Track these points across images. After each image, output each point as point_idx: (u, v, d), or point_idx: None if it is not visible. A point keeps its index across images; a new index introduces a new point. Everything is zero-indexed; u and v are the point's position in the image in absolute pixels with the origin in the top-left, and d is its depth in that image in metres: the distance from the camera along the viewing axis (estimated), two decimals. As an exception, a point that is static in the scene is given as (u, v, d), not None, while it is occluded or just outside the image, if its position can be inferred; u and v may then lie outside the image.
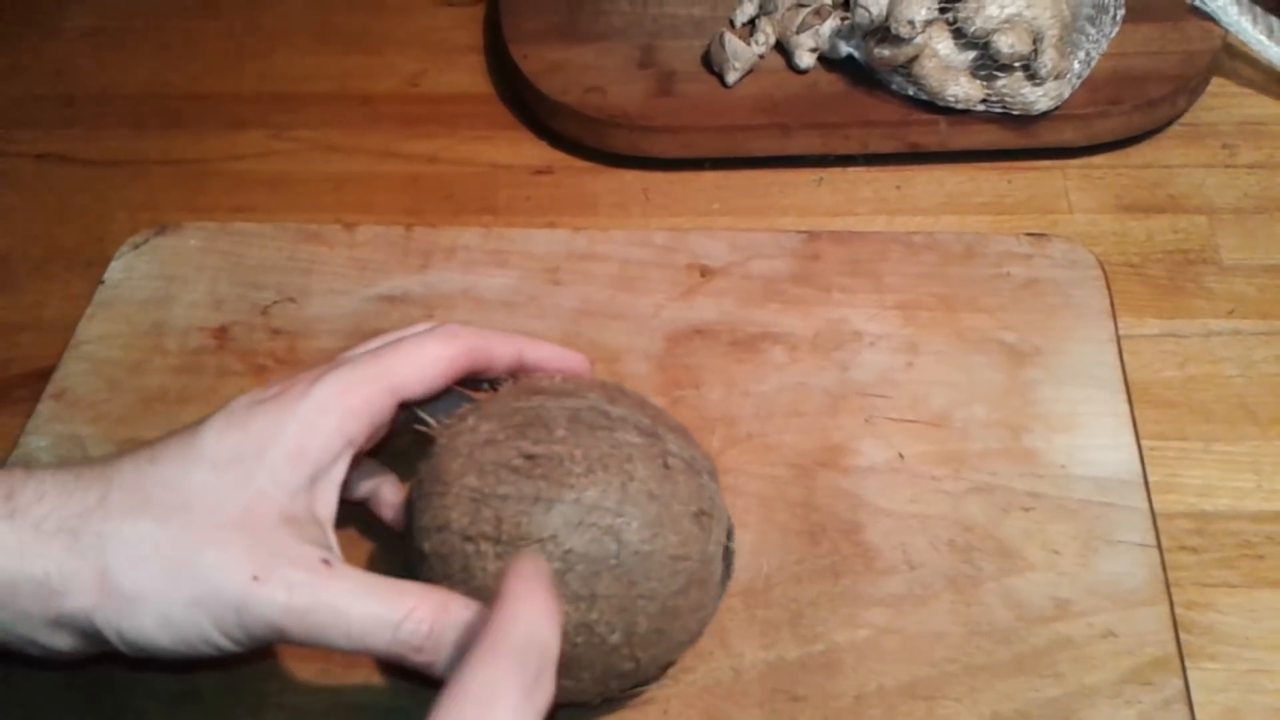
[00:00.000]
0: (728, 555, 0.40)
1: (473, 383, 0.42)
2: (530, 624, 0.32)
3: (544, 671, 0.31)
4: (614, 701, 0.39)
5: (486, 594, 0.35)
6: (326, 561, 0.34)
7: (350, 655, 0.35)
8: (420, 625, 0.33)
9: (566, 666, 0.36)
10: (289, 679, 0.42)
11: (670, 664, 0.40)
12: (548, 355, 0.43)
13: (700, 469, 0.39)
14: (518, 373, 0.42)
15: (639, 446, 0.38)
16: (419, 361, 0.39)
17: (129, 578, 0.34)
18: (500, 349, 0.41)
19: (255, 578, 0.34)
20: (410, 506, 0.39)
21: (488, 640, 0.31)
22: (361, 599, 0.34)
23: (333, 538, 0.37)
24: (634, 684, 0.38)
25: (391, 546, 0.45)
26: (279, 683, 0.42)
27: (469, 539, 0.36)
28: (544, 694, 0.31)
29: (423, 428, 0.40)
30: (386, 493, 0.43)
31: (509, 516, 0.36)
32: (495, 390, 0.41)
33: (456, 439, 0.38)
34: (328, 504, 0.37)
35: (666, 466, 0.38)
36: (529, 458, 0.36)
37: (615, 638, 0.36)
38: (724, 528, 0.40)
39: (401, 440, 0.42)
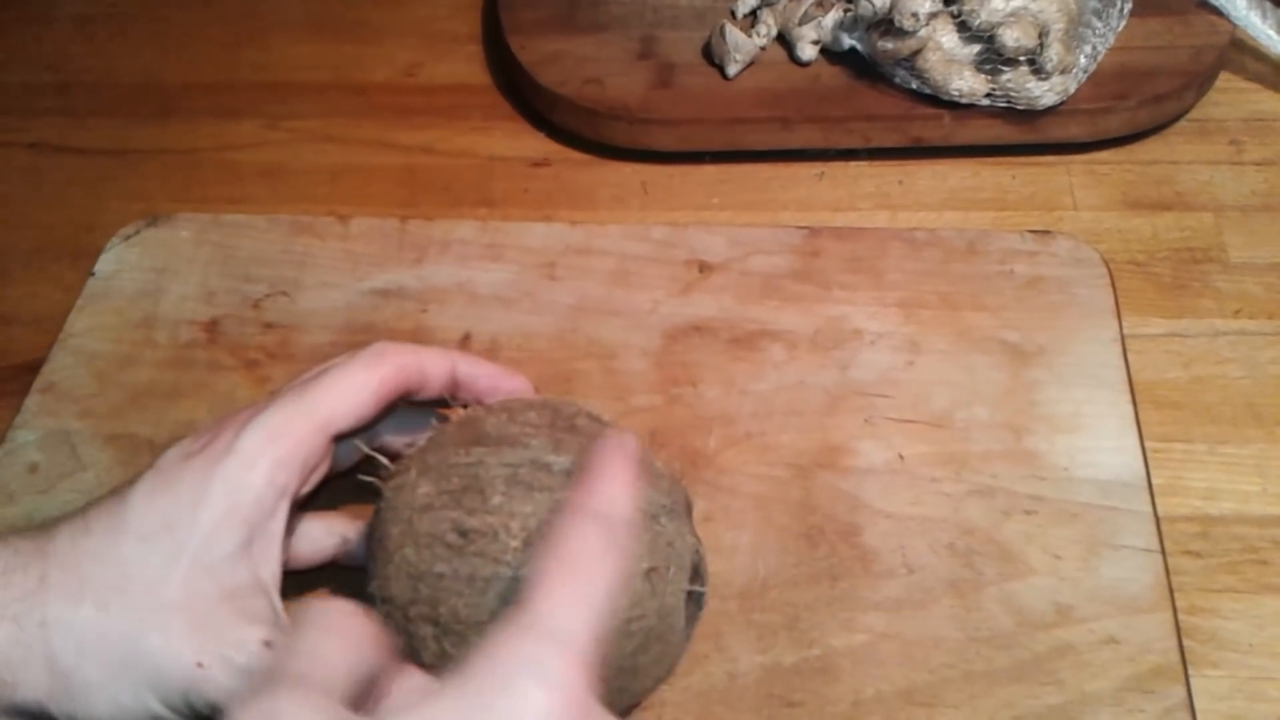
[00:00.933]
0: (695, 596, 0.38)
1: (441, 402, 0.41)
2: (612, 496, 0.31)
3: (624, 539, 0.31)
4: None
5: (436, 674, 0.34)
6: (268, 643, 0.34)
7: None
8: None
9: None
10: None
11: (637, 705, 0.39)
12: (485, 373, 0.41)
13: (655, 513, 0.36)
14: (462, 398, 0.41)
15: None
16: (345, 390, 0.37)
17: (77, 668, 0.34)
18: (433, 367, 0.39)
19: (199, 664, 0.34)
20: (365, 555, 0.38)
21: (574, 505, 0.31)
22: None
23: (277, 602, 0.36)
24: None
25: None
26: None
27: (409, 619, 0.35)
28: (623, 559, 0.31)
29: (366, 478, 0.38)
30: (344, 546, 0.41)
31: (445, 600, 0.34)
32: (461, 410, 0.40)
33: (398, 496, 0.37)
34: (269, 564, 0.36)
35: None
36: (462, 533, 0.35)
37: None
38: (685, 572, 0.37)
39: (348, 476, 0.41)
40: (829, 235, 0.53)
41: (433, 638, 0.35)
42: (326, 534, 0.41)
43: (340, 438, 0.38)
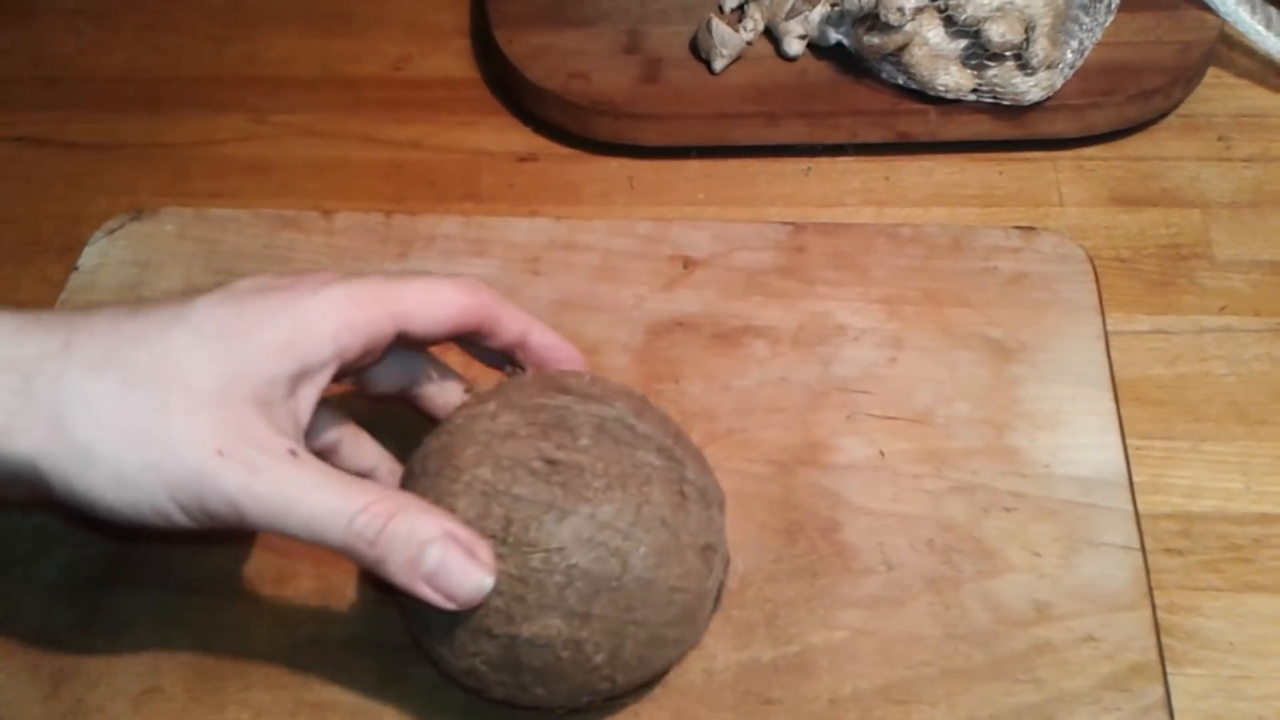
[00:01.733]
0: (719, 590, 0.39)
1: (491, 360, 0.42)
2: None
3: None
4: (579, 712, 0.38)
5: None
6: (293, 451, 0.34)
7: (309, 548, 0.34)
8: (375, 520, 0.33)
9: (545, 677, 0.35)
10: (253, 677, 0.41)
11: (642, 686, 0.39)
12: (550, 343, 0.41)
13: (712, 500, 0.38)
14: (520, 360, 0.41)
15: (659, 469, 0.36)
16: (431, 299, 0.38)
17: (85, 430, 0.32)
18: (509, 321, 0.40)
19: (220, 452, 0.33)
20: (410, 482, 0.37)
21: None
22: (321, 489, 0.33)
23: (301, 439, 0.36)
24: (604, 699, 0.37)
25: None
26: (242, 680, 0.41)
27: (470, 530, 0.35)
28: None
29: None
30: (384, 472, 0.41)
31: (519, 519, 0.34)
32: (513, 375, 0.40)
33: (474, 423, 0.37)
34: (306, 406, 0.36)
35: (683, 495, 0.36)
36: (550, 462, 0.35)
37: (600, 658, 0.35)
38: (723, 564, 0.38)
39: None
40: (813, 231, 0.53)
41: (494, 553, 0.35)
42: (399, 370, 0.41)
43: (403, 342, 0.38)
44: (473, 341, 0.41)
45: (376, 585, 0.42)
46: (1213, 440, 0.47)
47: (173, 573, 0.44)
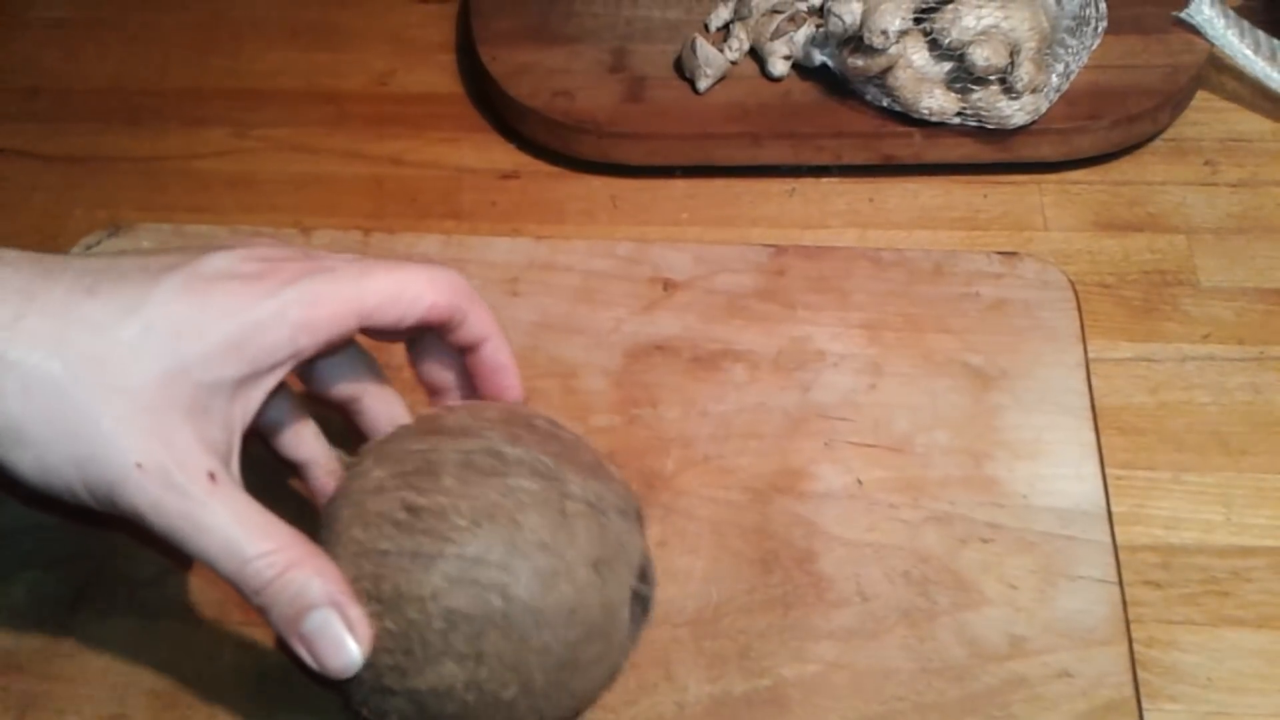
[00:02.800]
0: (641, 598, 0.38)
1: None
2: None
3: None
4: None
5: (370, 653, 0.34)
6: (213, 476, 0.33)
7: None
8: (268, 569, 0.33)
9: None
10: (218, 705, 0.41)
11: (580, 711, 0.38)
12: (498, 363, 0.40)
13: (605, 508, 0.37)
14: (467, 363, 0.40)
15: (533, 493, 0.36)
16: (400, 294, 0.37)
17: (19, 409, 0.32)
18: (474, 324, 0.39)
19: (139, 465, 0.33)
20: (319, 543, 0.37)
21: None
22: (226, 524, 0.33)
23: (236, 444, 0.35)
24: None
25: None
26: (207, 710, 0.41)
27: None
28: None
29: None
30: (320, 470, 0.41)
31: (388, 575, 0.34)
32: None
33: (352, 483, 0.37)
34: (250, 406, 0.35)
35: (563, 513, 0.36)
36: (411, 510, 0.35)
37: (510, 693, 0.34)
38: (632, 570, 0.37)
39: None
40: (795, 254, 0.52)
41: (373, 613, 0.34)
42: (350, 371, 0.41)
43: (366, 332, 0.38)
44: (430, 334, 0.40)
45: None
46: (1194, 471, 0.47)
47: (140, 599, 0.43)
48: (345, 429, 0.41)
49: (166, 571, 0.44)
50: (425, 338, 0.41)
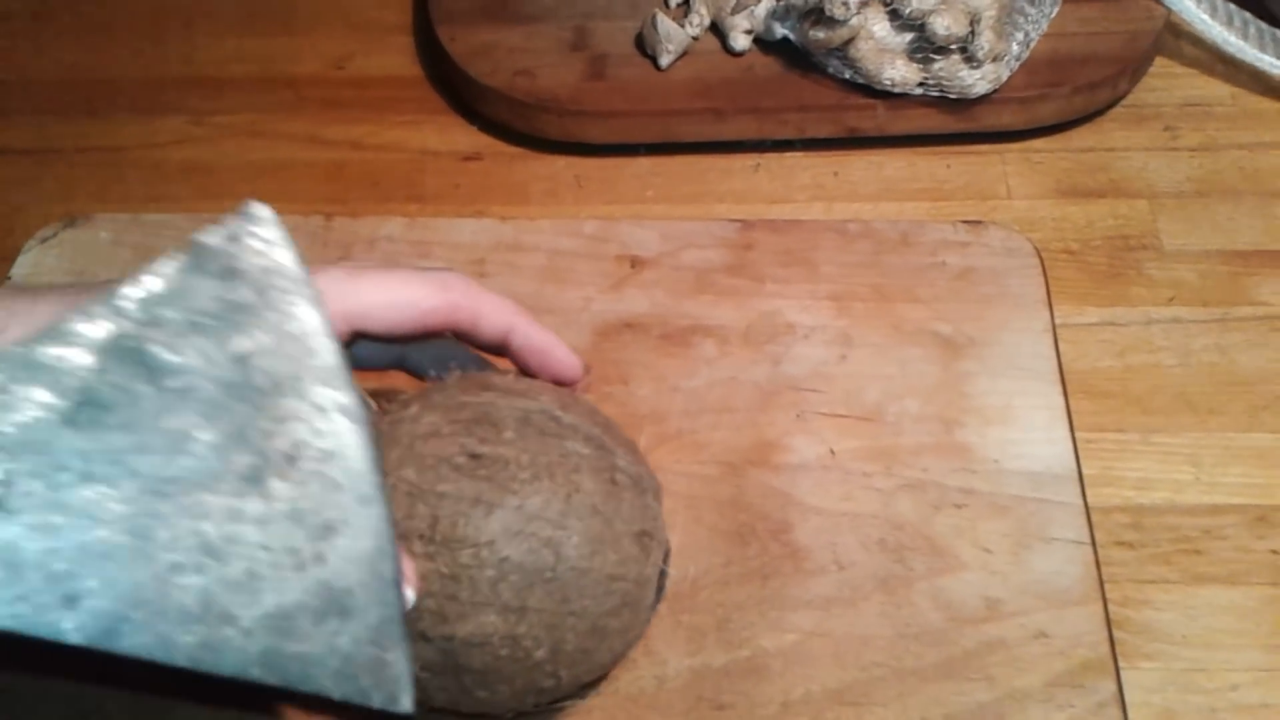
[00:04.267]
0: (661, 578, 0.38)
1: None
2: None
3: None
4: (527, 716, 0.37)
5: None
6: None
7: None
8: None
9: (485, 678, 0.34)
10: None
11: (590, 684, 0.38)
12: (537, 346, 0.38)
13: (646, 488, 0.38)
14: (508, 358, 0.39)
15: (587, 458, 0.36)
16: (390, 299, 0.35)
17: None
18: (489, 319, 0.37)
19: None
20: None
21: None
22: None
23: None
24: (550, 700, 0.37)
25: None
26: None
27: (400, 535, 0.34)
28: None
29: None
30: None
31: (446, 516, 0.34)
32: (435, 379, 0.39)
33: (397, 428, 0.36)
34: None
35: (614, 482, 0.36)
36: (474, 456, 0.35)
37: (541, 653, 0.34)
38: (662, 550, 0.38)
39: None
40: (762, 228, 0.52)
41: (423, 555, 0.34)
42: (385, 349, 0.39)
43: (366, 338, 0.36)
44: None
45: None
46: (1163, 432, 0.47)
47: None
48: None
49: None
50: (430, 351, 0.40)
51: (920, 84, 0.54)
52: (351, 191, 0.57)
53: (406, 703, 0.28)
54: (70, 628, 0.26)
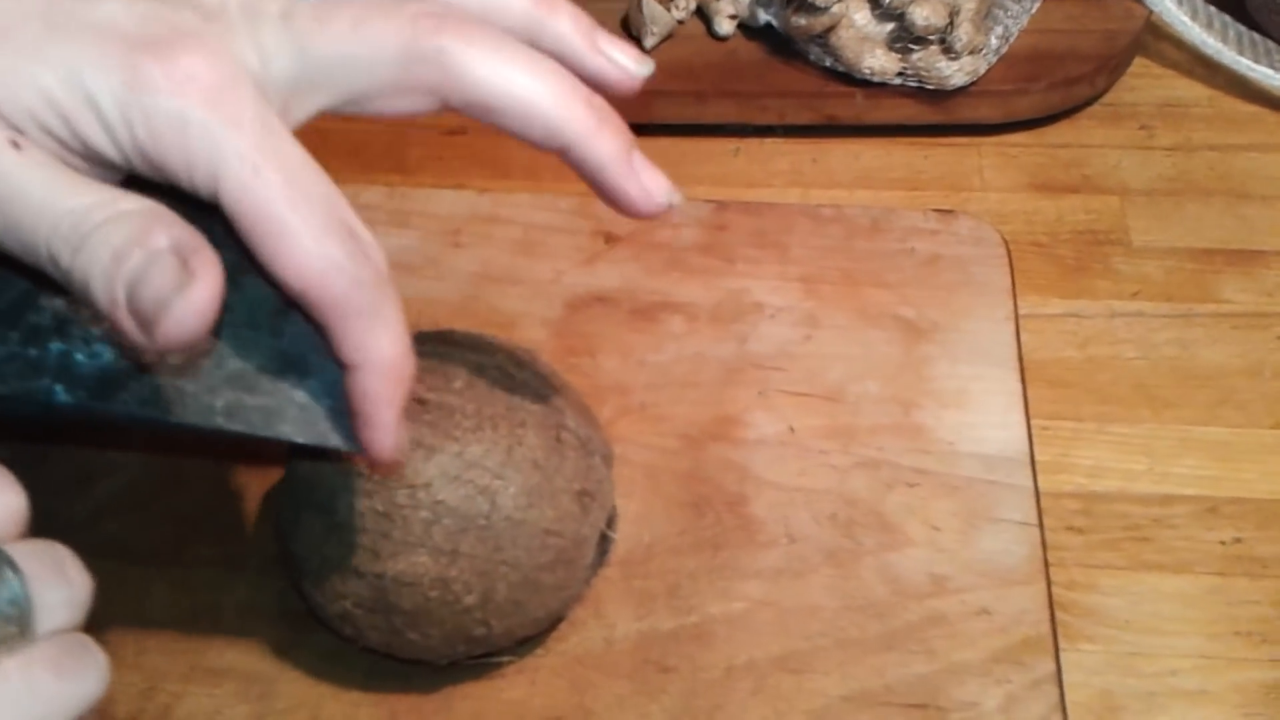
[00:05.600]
0: (604, 542, 0.39)
1: None
2: None
3: None
4: (463, 667, 0.38)
5: (344, 530, 0.35)
6: (15, 144, 0.26)
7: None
8: (84, 223, 0.25)
9: (415, 619, 0.35)
10: (149, 641, 0.41)
11: (526, 639, 0.39)
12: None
13: (593, 450, 0.39)
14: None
15: (535, 414, 0.37)
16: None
17: None
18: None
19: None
20: None
21: None
22: (34, 183, 0.26)
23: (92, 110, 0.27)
24: (484, 652, 0.38)
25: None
26: (138, 645, 0.41)
27: (341, 472, 0.36)
28: None
29: None
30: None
31: None
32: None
33: None
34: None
35: (559, 440, 0.37)
36: (420, 402, 0.36)
37: (470, 599, 0.35)
38: (605, 513, 0.39)
39: None
40: (736, 209, 0.53)
41: (361, 491, 0.35)
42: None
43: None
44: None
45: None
46: (1119, 422, 0.48)
47: (71, 537, 0.43)
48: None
49: (99, 512, 0.44)
50: None
51: (899, 74, 0.55)
52: (334, 160, 0.57)
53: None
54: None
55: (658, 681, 0.40)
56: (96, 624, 0.41)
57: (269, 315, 0.29)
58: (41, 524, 0.44)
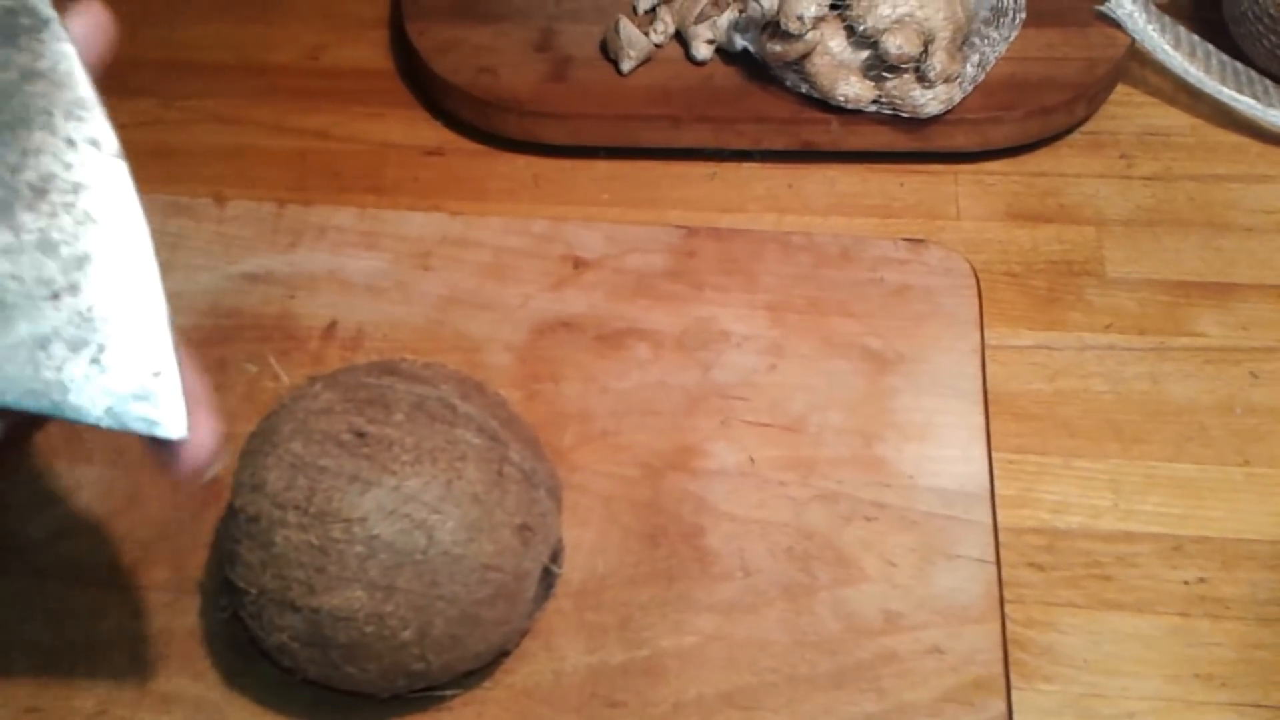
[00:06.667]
0: (548, 576, 0.39)
1: None
2: None
3: None
4: (407, 700, 0.38)
5: (281, 563, 0.35)
6: None
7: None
8: None
9: (353, 654, 0.35)
10: (101, 664, 0.41)
11: (468, 673, 0.39)
12: None
13: (538, 484, 0.38)
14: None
15: (476, 447, 0.37)
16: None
17: None
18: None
19: None
20: (240, 461, 0.38)
21: None
22: None
23: None
24: (425, 685, 0.37)
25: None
26: (89, 667, 0.41)
27: (278, 505, 0.35)
28: None
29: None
30: None
31: (322, 490, 0.35)
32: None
33: (297, 402, 0.38)
34: None
35: (500, 474, 0.37)
36: (359, 434, 0.36)
37: (407, 634, 0.35)
38: (549, 548, 0.39)
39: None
40: (706, 235, 0.53)
41: (296, 525, 0.35)
42: None
43: None
44: None
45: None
46: (1085, 457, 0.48)
47: (28, 557, 0.43)
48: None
49: (58, 533, 0.44)
50: None
51: (874, 101, 0.55)
52: (312, 180, 0.58)
53: (178, 428, 0.28)
54: None
55: (605, 716, 0.40)
56: (50, 646, 0.42)
57: (65, 265, 0.29)
58: (-4, 545, 0.44)
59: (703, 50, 0.58)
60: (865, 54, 0.55)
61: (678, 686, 0.40)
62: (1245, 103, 0.58)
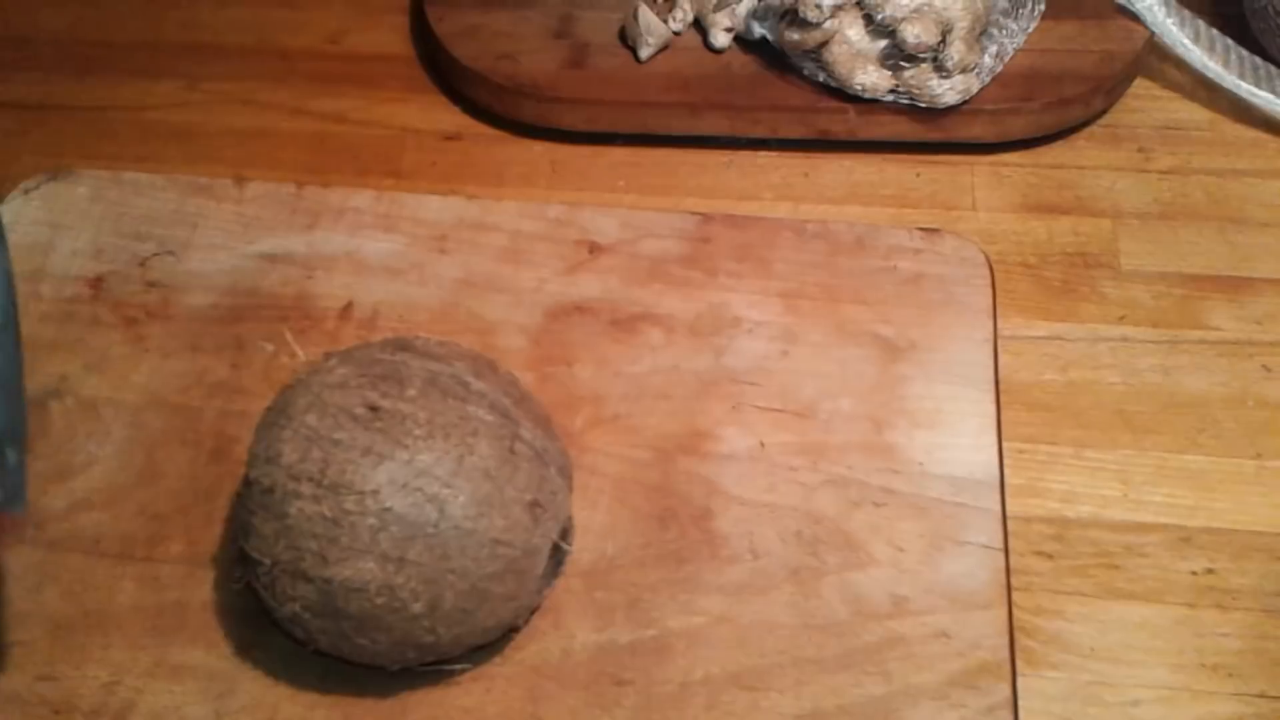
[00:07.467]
0: (558, 553, 0.39)
1: None
2: None
3: None
4: (418, 673, 0.38)
5: (294, 534, 0.35)
6: None
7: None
8: None
9: (364, 625, 0.36)
10: (114, 635, 0.42)
11: (477, 647, 0.39)
12: None
13: (549, 462, 0.39)
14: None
15: (489, 424, 0.37)
16: None
17: None
18: None
19: None
20: (256, 433, 0.39)
21: None
22: None
23: None
24: (434, 659, 0.38)
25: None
26: (104, 639, 0.42)
27: (293, 477, 0.36)
28: None
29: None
30: None
31: (336, 462, 0.35)
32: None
33: (313, 377, 0.38)
34: None
35: (512, 450, 0.37)
36: (373, 409, 0.36)
37: (418, 606, 0.35)
38: (559, 525, 0.39)
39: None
40: (721, 222, 0.53)
41: (310, 497, 0.35)
42: None
43: None
44: None
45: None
46: (1096, 447, 0.48)
47: (46, 529, 0.44)
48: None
49: (75, 506, 0.45)
50: None
51: (891, 91, 0.55)
52: (330, 163, 0.59)
53: (18, 505, 0.31)
54: None
55: (612, 694, 0.40)
56: (65, 617, 0.42)
57: None
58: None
59: (721, 38, 0.58)
60: (883, 43, 0.55)
61: (685, 666, 0.40)
62: (1264, 98, 0.57)
